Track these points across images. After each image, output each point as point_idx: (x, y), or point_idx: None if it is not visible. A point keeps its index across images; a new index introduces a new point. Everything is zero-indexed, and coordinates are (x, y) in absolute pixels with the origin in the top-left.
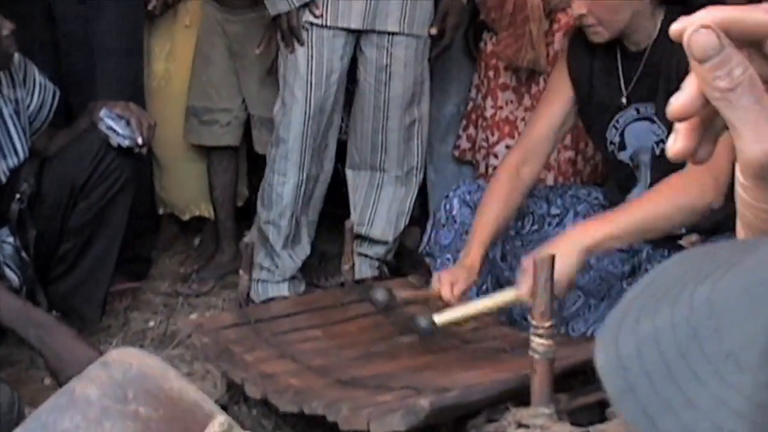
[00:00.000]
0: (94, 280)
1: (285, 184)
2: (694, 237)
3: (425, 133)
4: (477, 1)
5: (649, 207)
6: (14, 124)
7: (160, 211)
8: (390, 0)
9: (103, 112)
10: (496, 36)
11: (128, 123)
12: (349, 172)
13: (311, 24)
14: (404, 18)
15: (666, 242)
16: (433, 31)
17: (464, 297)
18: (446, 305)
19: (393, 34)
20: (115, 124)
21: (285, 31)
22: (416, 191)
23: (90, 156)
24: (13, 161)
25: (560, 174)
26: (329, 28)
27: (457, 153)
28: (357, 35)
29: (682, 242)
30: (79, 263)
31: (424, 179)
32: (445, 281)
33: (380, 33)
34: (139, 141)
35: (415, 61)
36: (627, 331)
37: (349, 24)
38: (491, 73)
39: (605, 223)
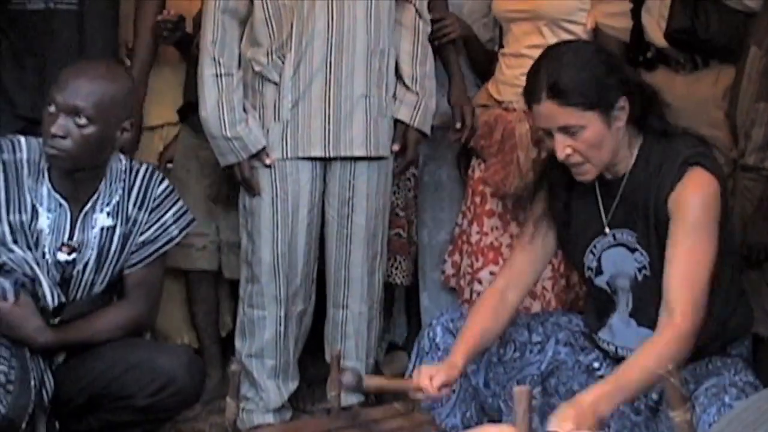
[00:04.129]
0: None
1: (265, 318)
2: None
3: (384, 266)
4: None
5: (642, 370)
6: (118, 247)
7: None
8: (352, 123)
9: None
10: (484, 162)
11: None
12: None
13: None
14: (369, 140)
15: None
16: (395, 147)
17: (443, 389)
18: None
19: (357, 159)
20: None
21: (240, 182)
22: (380, 325)
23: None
24: (86, 284)
25: (547, 303)
26: (291, 159)
27: (443, 278)
28: (324, 166)
29: None
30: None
31: (419, 305)
32: (425, 373)
33: (344, 160)
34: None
35: (377, 193)
36: None
37: (310, 152)
38: (478, 199)
39: (610, 391)
